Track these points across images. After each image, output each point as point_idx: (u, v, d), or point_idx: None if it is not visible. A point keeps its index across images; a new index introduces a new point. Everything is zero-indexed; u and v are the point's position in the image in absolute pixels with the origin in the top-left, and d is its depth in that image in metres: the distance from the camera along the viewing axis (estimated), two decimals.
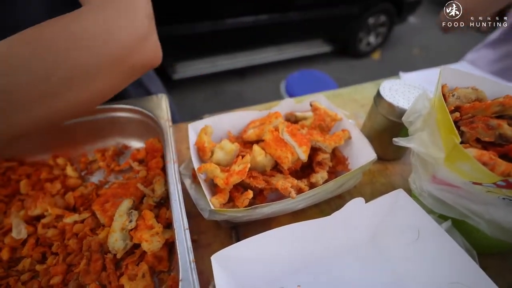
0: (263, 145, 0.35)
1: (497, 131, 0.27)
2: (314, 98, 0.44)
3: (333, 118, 0.40)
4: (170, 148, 0.34)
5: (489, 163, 0.22)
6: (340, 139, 0.37)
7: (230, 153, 0.35)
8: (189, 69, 2.23)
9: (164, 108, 0.41)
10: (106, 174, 0.40)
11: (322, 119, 0.40)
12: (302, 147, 0.34)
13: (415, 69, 0.72)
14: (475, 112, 0.30)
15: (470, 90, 0.33)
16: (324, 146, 0.36)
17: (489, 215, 0.24)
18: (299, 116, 0.43)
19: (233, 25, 2.05)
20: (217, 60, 2.31)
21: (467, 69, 0.75)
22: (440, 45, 2.76)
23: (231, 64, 2.34)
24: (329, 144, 0.36)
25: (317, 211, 0.38)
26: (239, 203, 0.31)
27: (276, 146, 0.34)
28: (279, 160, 0.34)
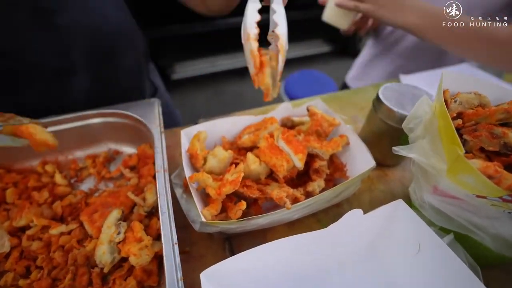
0: (258, 152, 0.34)
1: (502, 140, 0.25)
2: (312, 102, 0.43)
3: (331, 123, 0.39)
4: (161, 156, 0.33)
5: (495, 176, 0.21)
6: (337, 145, 0.36)
7: (223, 161, 0.34)
8: (188, 69, 2.22)
9: (156, 113, 0.39)
10: (96, 182, 0.39)
11: (319, 124, 0.38)
12: (298, 154, 0.33)
13: None
14: (479, 119, 0.28)
15: (473, 95, 0.31)
16: (321, 152, 0.35)
17: (494, 230, 0.23)
18: (296, 121, 0.42)
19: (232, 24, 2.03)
20: (217, 60, 2.30)
21: (469, 71, 0.74)
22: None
23: (230, 64, 2.33)
24: (326, 150, 0.35)
25: (314, 220, 0.37)
26: (232, 214, 0.30)
27: (271, 154, 0.33)
28: (274, 168, 0.33)
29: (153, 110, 0.40)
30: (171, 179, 0.34)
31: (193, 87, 2.36)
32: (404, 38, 0.69)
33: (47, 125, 0.38)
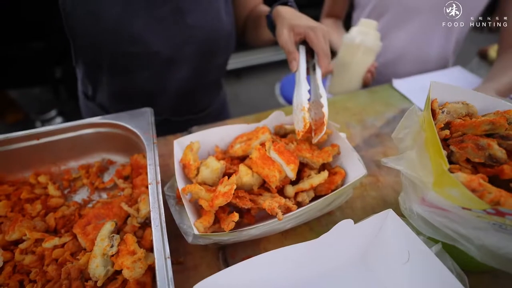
0: (250, 163, 0.34)
1: (487, 152, 0.26)
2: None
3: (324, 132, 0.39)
4: (153, 167, 0.33)
5: (479, 190, 0.21)
6: (328, 155, 0.36)
7: (216, 172, 0.34)
8: None
9: (149, 123, 0.39)
10: (89, 192, 0.39)
11: (311, 131, 0.39)
12: (290, 165, 0.33)
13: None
14: (465, 129, 0.29)
15: (461, 105, 0.32)
16: (311, 162, 0.35)
17: (479, 241, 0.23)
18: (289, 129, 0.42)
19: None
20: None
21: (461, 74, 0.75)
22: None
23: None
24: (317, 161, 0.35)
25: (307, 228, 0.37)
26: (224, 226, 0.30)
27: (263, 165, 0.33)
28: (266, 178, 0.33)
29: (146, 119, 0.40)
30: (164, 190, 0.34)
31: None
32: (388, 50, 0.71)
33: (40, 136, 0.38)
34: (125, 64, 0.48)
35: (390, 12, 0.64)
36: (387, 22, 0.67)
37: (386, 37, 0.69)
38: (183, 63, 0.51)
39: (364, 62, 0.59)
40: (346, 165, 0.37)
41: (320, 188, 0.35)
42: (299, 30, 0.40)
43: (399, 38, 0.69)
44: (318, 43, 0.39)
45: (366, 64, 0.60)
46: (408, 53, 0.70)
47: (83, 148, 0.42)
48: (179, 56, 0.49)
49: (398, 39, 0.69)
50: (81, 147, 0.42)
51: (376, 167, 0.46)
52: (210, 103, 0.66)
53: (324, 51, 0.40)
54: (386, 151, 0.50)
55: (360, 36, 0.57)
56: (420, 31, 0.65)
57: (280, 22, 0.43)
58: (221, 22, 0.51)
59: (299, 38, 0.41)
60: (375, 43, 0.58)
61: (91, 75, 0.53)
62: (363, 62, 0.59)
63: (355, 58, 0.59)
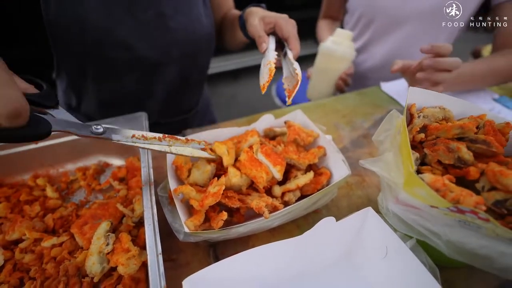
0: (239, 165, 0.36)
1: (456, 154, 0.28)
2: (292, 114, 0.45)
3: (309, 134, 0.41)
4: (147, 170, 0.35)
5: (442, 190, 0.23)
6: (314, 157, 0.38)
7: (206, 173, 0.36)
8: None
9: (143, 126, 0.41)
10: (86, 194, 0.40)
11: (297, 134, 0.41)
12: (276, 166, 0.35)
13: None
14: (439, 133, 0.31)
15: (438, 109, 0.34)
16: (298, 163, 0.37)
17: (446, 237, 0.25)
18: (278, 132, 0.44)
19: None
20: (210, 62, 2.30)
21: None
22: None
23: (223, 66, 2.34)
24: (303, 162, 0.37)
25: (294, 226, 0.39)
26: (214, 224, 0.32)
27: (251, 166, 0.35)
28: (254, 179, 0.35)
29: (140, 123, 0.42)
30: (157, 191, 0.36)
31: None
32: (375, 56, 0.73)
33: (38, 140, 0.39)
34: (111, 70, 0.50)
35: (377, 21, 0.66)
36: (374, 30, 0.69)
37: (374, 44, 0.71)
38: (168, 66, 0.53)
39: (337, 69, 0.64)
40: (331, 166, 0.39)
41: (306, 188, 0.37)
42: (269, 19, 0.43)
43: (386, 46, 0.71)
44: (288, 28, 0.42)
45: (339, 71, 0.65)
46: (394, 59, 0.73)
47: (80, 151, 0.43)
48: (164, 59, 0.52)
49: (385, 46, 0.71)
50: (78, 150, 0.43)
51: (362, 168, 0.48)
52: (195, 104, 0.69)
53: (294, 35, 0.42)
54: (372, 152, 0.52)
55: (334, 45, 0.62)
56: (406, 39, 0.67)
57: (252, 17, 0.45)
58: (201, 24, 0.54)
59: (269, 27, 0.43)
60: (347, 51, 0.62)
61: (76, 85, 0.54)
62: (336, 69, 0.65)
63: (329, 66, 0.65)
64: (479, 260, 0.25)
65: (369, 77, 0.75)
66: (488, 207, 0.24)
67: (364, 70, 0.75)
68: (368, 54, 0.73)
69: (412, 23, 0.65)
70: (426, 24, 0.64)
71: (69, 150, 0.42)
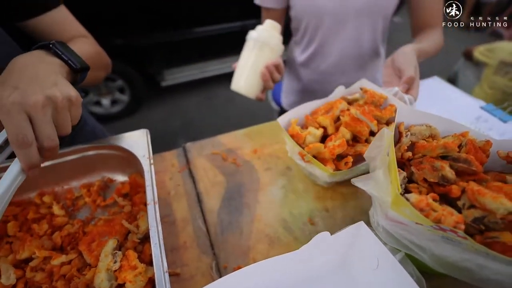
0: (344, 125, 0.45)
1: (440, 173, 0.30)
2: (360, 82, 0.53)
3: (381, 96, 0.48)
4: (151, 188, 0.36)
5: (425, 210, 0.26)
6: (391, 111, 0.46)
7: (318, 137, 0.45)
8: (178, 76, 2.23)
9: (145, 144, 0.43)
10: (92, 210, 0.42)
11: (373, 96, 0.48)
12: (373, 121, 0.44)
13: None
14: (425, 151, 0.33)
15: (425, 127, 0.36)
16: (381, 118, 0.46)
17: (430, 251, 0.28)
18: (350, 99, 0.51)
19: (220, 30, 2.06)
20: (206, 65, 2.32)
21: (440, 85, 0.80)
22: None
23: (220, 69, 2.35)
24: (385, 116, 0.46)
25: (291, 238, 0.41)
26: (341, 167, 0.43)
27: (355, 124, 0.43)
28: (359, 134, 0.44)
29: (142, 140, 0.43)
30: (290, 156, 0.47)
31: (184, 93, 2.38)
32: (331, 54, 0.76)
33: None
34: None
35: (324, 24, 0.69)
36: (323, 33, 0.71)
37: (325, 45, 0.73)
38: None
39: (261, 57, 0.58)
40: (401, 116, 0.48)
41: None
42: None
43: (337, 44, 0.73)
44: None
45: (262, 59, 0.58)
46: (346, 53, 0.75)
47: (84, 168, 0.45)
48: None
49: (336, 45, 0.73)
50: (82, 167, 0.45)
51: None
52: None
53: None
54: None
55: (259, 32, 0.58)
56: (353, 35, 0.70)
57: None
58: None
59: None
60: (272, 40, 0.57)
61: None
62: (260, 56, 0.58)
63: (252, 53, 0.58)
64: (460, 272, 0.27)
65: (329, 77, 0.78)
66: (468, 223, 0.27)
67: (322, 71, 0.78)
68: (322, 56, 0.76)
69: (354, 20, 0.68)
70: (365, 19, 0.67)
71: (73, 168, 0.44)
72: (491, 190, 0.27)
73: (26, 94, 0.27)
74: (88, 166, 0.45)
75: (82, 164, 0.44)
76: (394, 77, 0.53)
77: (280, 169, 0.51)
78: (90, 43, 0.50)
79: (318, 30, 0.71)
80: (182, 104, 2.30)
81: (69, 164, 0.43)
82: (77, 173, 0.45)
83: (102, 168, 0.46)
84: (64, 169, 0.43)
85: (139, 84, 2.04)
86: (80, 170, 0.45)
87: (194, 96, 2.38)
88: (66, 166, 0.43)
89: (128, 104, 2.08)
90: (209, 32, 2.07)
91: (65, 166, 0.43)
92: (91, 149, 0.43)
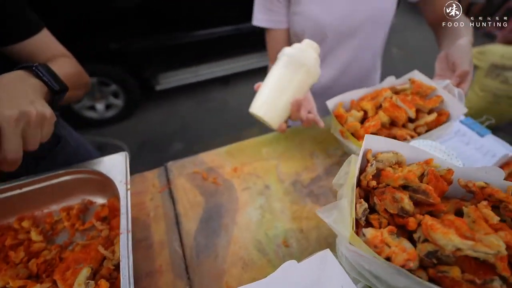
0: (383, 110, 0.50)
1: (400, 204, 0.31)
2: (411, 73, 0.57)
3: (428, 87, 0.52)
4: (125, 216, 0.37)
5: (379, 246, 0.27)
6: (435, 102, 0.50)
7: (358, 118, 0.52)
8: (172, 80, 2.24)
9: (123, 168, 0.43)
10: (70, 235, 0.43)
11: (420, 87, 0.52)
12: (411, 108, 0.49)
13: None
14: (388, 181, 0.34)
15: (391, 154, 0.37)
16: (422, 107, 0.51)
17: (387, 282, 0.29)
18: (399, 89, 0.55)
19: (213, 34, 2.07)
20: (200, 69, 2.32)
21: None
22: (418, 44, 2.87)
23: (214, 73, 2.36)
24: (427, 106, 0.50)
25: (265, 261, 0.42)
26: None
27: (393, 110, 0.49)
28: (396, 119, 0.49)
29: (120, 164, 0.44)
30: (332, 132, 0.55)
31: (178, 96, 2.38)
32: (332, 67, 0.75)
33: (22, 186, 0.42)
34: None
35: (328, 37, 0.67)
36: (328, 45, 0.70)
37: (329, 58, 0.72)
38: None
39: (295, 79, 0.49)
40: (449, 107, 0.51)
41: (431, 124, 0.50)
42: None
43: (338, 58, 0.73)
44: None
45: (296, 82, 0.49)
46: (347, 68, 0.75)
47: (64, 192, 0.46)
48: None
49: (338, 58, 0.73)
50: (62, 191, 0.45)
51: (333, 197, 0.52)
52: None
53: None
54: None
55: (295, 50, 0.50)
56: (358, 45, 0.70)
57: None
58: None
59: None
60: (309, 62, 0.50)
61: None
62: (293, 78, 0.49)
63: (285, 73, 0.49)
64: None
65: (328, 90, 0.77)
66: (421, 257, 0.28)
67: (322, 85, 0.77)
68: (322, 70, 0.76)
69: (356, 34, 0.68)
70: (366, 31, 0.68)
71: (52, 192, 0.45)
72: (443, 224, 0.28)
73: (3, 108, 0.29)
74: (68, 189, 0.46)
75: (61, 188, 0.45)
76: (447, 71, 0.55)
77: (258, 188, 0.52)
78: (70, 63, 0.51)
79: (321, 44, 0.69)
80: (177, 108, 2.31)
81: (48, 188, 0.44)
82: (56, 197, 0.46)
83: (82, 191, 0.47)
84: (44, 194, 0.44)
85: (133, 89, 2.04)
86: (60, 194, 0.46)
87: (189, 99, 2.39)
88: (46, 190, 0.44)
89: (123, 109, 2.09)
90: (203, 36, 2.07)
91: (45, 190, 0.44)
92: (69, 173, 0.44)
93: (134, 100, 2.11)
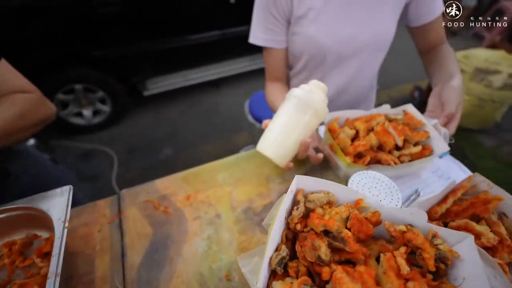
0: (374, 133, 0.54)
1: (317, 253, 0.31)
2: (404, 106, 0.59)
3: (419, 122, 0.55)
4: (57, 258, 0.37)
5: None
6: (422, 136, 0.53)
7: (349, 136, 0.54)
8: (160, 85, 2.23)
9: (64, 205, 0.43)
10: (9, 273, 0.43)
11: (411, 120, 0.56)
12: (400, 136, 0.52)
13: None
14: (312, 226, 0.34)
15: (323, 195, 0.37)
16: (410, 138, 0.53)
17: None
18: (392, 117, 0.58)
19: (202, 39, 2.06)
20: (189, 73, 2.32)
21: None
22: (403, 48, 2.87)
23: (204, 77, 2.35)
24: (415, 138, 0.53)
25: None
26: (360, 164, 0.51)
27: (384, 134, 0.52)
28: (385, 144, 0.53)
29: (63, 200, 0.44)
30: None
31: (168, 101, 2.38)
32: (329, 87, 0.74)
33: None
34: None
35: (328, 59, 0.67)
36: (326, 67, 0.70)
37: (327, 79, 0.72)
38: None
39: (302, 120, 0.50)
40: (433, 145, 0.54)
41: (414, 156, 0.53)
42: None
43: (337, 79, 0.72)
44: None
45: (304, 123, 0.50)
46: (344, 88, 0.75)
47: (9, 226, 0.45)
48: None
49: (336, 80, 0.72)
50: (7, 225, 0.45)
51: None
52: None
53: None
54: None
55: (304, 92, 0.51)
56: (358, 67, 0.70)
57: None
58: None
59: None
60: (317, 104, 0.50)
61: None
62: (301, 120, 0.50)
63: (293, 114, 0.50)
64: None
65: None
66: None
67: None
68: None
69: (356, 57, 0.67)
70: (367, 54, 0.67)
71: None
72: (353, 277, 0.28)
73: None
74: (13, 224, 0.45)
75: (6, 223, 0.45)
76: (438, 107, 0.57)
77: (209, 217, 0.52)
78: (20, 103, 0.49)
79: (319, 68, 0.69)
80: (165, 113, 2.30)
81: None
82: (1, 232, 0.46)
83: (27, 226, 0.46)
84: None
85: (120, 94, 2.03)
86: (5, 228, 0.46)
87: (179, 104, 2.38)
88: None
89: (110, 114, 2.08)
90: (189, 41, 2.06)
91: None
92: (10, 210, 0.44)
93: (122, 106, 2.10)
